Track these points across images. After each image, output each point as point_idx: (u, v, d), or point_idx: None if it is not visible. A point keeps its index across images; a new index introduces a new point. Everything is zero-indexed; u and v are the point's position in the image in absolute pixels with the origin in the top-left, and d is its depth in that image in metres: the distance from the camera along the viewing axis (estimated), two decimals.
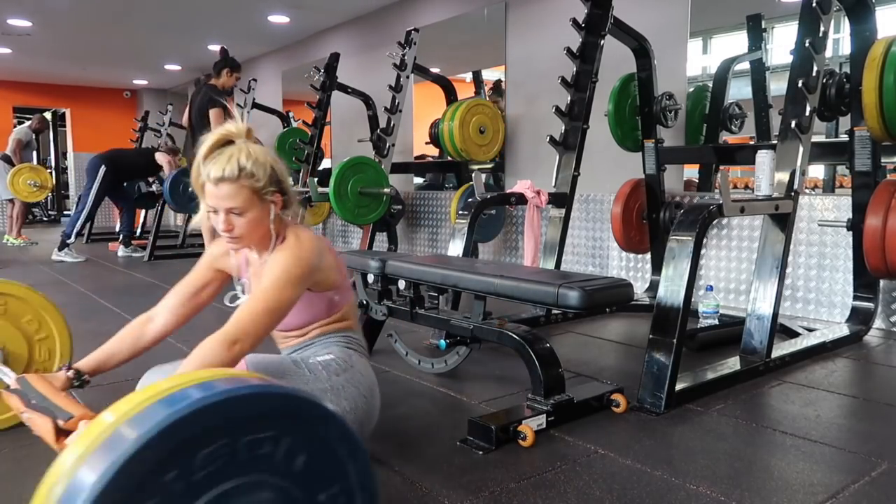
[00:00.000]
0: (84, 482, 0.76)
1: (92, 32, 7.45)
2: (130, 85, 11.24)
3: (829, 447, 1.82)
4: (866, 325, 3.05)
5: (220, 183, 1.45)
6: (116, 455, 0.76)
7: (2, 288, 1.90)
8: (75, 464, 0.79)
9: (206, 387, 0.86)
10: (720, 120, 4.08)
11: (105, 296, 4.30)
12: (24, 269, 5.78)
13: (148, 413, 0.82)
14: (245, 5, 6.36)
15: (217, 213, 1.49)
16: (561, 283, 1.94)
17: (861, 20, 2.95)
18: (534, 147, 4.96)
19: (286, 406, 0.89)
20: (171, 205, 6.37)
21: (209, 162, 1.47)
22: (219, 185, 1.45)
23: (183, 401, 0.82)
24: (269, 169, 1.49)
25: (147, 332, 1.66)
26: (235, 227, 1.49)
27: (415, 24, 5.42)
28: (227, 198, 1.46)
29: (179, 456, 0.80)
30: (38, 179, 7.59)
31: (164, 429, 0.78)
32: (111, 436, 0.81)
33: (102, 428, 0.82)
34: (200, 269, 1.72)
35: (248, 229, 1.50)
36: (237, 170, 1.44)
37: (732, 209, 2.30)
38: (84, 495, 0.75)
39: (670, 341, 2.13)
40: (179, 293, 1.69)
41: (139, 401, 0.85)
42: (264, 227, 1.52)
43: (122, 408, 0.86)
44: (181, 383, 0.88)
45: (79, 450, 0.81)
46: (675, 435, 1.93)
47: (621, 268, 4.32)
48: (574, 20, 3.31)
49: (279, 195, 1.52)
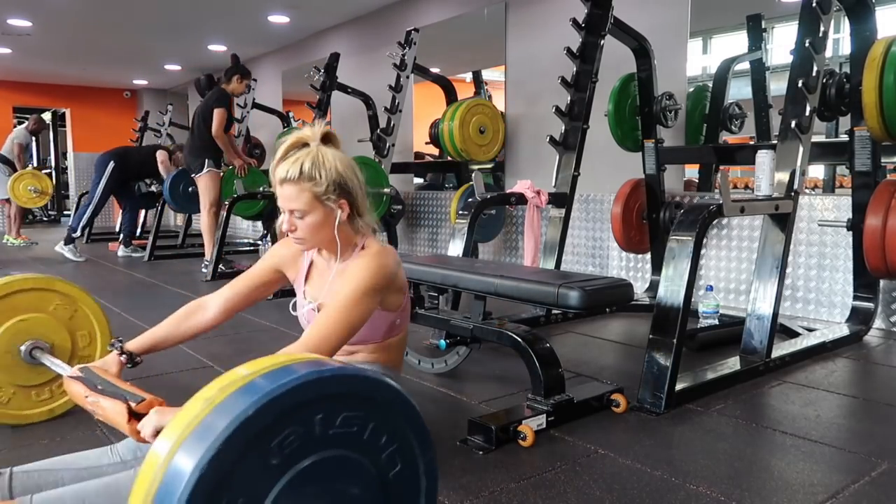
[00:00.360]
0: (195, 449, 0.83)
1: (92, 32, 7.45)
2: (130, 85, 11.24)
3: (829, 447, 1.82)
4: (866, 325, 3.05)
5: (284, 184, 1.49)
6: (217, 433, 0.83)
7: (38, 283, 1.99)
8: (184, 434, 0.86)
9: (296, 368, 0.92)
10: (720, 120, 4.08)
11: (105, 296, 4.29)
12: (24, 269, 5.77)
13: (248, 388, 0.88)
14: (245, 5, 6.36)
15: (284, 212, 1.52)
16: (561, 283, 1.94)
17: (861, 20, 2.95)
18: (534, 147, 4.96)
19: (371, 389, 0.96)
20: (171, 205, 6.37)
21: (281, 163, 1.50)
22: (282, 186, 1.49)
23: (280, 379, 0.88)
24: (334, 174, 1.49)
25: (198, 320, 1.67)
26: (298, 229, 1.52)
27: (415, 24, 5.42)
28: (289, 199, 1.49)
29: (275, 429, 0.87)
30: (38, 185, 7.63)
31: (266, 403, 0.85)
32: (211, 412, 0.86)
33: (199, 409, 0.88)
34: (263, 267, 1.72)
35: (310, 232, 1.52)
36: (298, 172, 1.47)
37: (732, 209, 2.30)
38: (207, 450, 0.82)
39: (670, 341, 2.13)
40: (236, 287, 1.70)
41: (234, 379, 0.91)
42: (328, 231, 1.53)
43: (208, 393, 0.90)
44: (277, 363, 0.94)
45: (186, 422, 0.87)
46: (675, 435, 1.93)
47: (621, 268, 4.32)
48: (574, 20, 3.31)
49: (346, 202, 1.52)
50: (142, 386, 1.38)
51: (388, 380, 0.99)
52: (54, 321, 1.99)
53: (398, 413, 0.99)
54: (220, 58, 8.80)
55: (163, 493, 0.83)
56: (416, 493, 1.04)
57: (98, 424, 1.96)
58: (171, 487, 0.82)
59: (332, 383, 0.93)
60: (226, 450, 0.82)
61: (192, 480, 0.81)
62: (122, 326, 3.40)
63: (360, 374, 0.97)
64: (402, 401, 1.00)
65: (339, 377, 0.94)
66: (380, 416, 0.97)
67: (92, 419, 1.67)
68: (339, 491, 0.95)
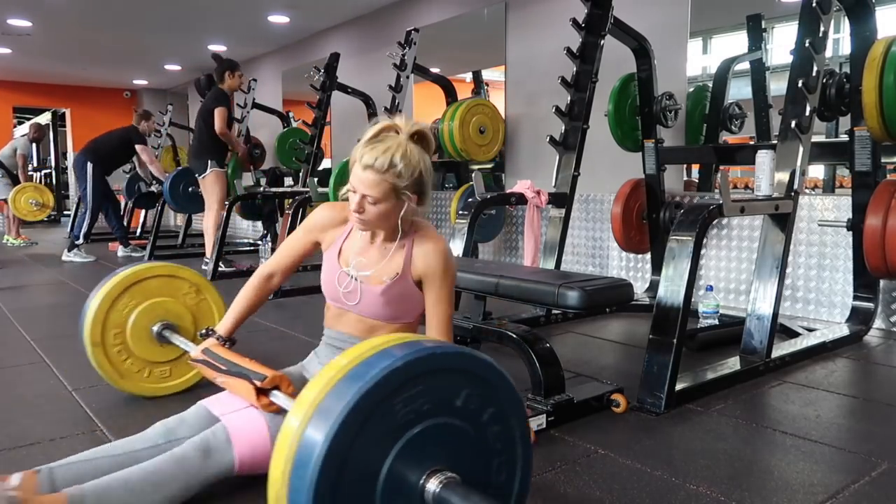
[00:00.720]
0: (327, 417, 0.96)
1: (92, 32, 7.45)
2: (130, 85, 11.24)
3: (829, 447, 1.82)
4: (866, 325, 3.04)
5: (367, 170, 1.50)
6: (343, 404, 0.95)
7: (166, 270, 2.21)
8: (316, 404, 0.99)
9: (409, 345, 1.05)
10: (720, 120, 4.08)
11: None
12: (24, 269, 5.78)
13: (372, 360, 1.01)
14: (245, 5, 6.36)
15: (355, 192, 1.54)
16: (561, 283, 1.94)
17: (861, 20, 2.95)
18: (534, 147, 4.96)
19: (477, 367, 1.10)
20: (171, 205, 6.37)
21: (368, 147, 1.52)
22: (365, 171, 1.50)
23: (393, 356, 1.01)
24: (416, 173, 1.53)
25: (268, 288, 1.81)
26: (365, 212, 1.54)
27: (415, 24, 5.41)
28: (368, 185, 1.51)
29: (396, 395, 0.99)
30: (40, 199, 7.69)
31: (391, 371, 0.98)
32: (334, 386, 0.99)
33: (319, 388, 1.00)
34: (302, 235, 1.77)
35: (377, 217, 1.55)
36: (387, 164, 1.49)
37: (732, 209, 2.30)
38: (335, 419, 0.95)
39: (670, 341, 2.12)
40: (287, 255, 1.78)
41: (357, 355, 1.03)
42: (393, 219, 1.58)
43: (329, 372, 1.02)
44: (397, 339, 1.08)
45: (315, 396, 0.99)
46: (675, 435, 1.93)
47: (621, 268, 4.32)
48: (574, 20, 3.31)
49: (417, 197, 1.57)
50: None
51: (493, 361, 1.12)
52: (182, 306, 2.21)
53: (501, 389, 1.13)
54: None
55: (300, 460, 0.95)
56: (514, 461, 1.17)
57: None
58: (305, 455, 0.95)
59: (448, 359, 1.06)
60: (350, 420, 0.95)
61: (325, 446, 0.93)
62: None
63: (470, 353, 1.11)
64: (505, 379, 1.14)
65: (455, 354, 1.08)
66: (487, 391, 1.10)
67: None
68: (448, 456, 1.06)
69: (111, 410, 2.12)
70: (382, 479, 0.99)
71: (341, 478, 0.95)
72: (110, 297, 2.10)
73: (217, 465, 1.41)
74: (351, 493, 0.97)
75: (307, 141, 5.84)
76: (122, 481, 1.32)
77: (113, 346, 2.11)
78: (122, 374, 2.15)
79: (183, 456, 1.39)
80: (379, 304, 1.62)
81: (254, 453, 1.44)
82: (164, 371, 2.22)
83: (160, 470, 1.36)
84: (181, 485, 1.36)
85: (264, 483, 1.01)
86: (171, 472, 1.36)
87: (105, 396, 2.25)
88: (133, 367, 2.16)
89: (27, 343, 3.06)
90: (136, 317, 2.12)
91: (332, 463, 0.94)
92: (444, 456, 1.06)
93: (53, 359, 2.76)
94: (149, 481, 1.33)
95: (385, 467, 0.99)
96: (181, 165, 8.51)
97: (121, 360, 2.14)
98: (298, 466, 0.95)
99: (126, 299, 2.12)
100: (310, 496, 0.92)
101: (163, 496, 1.34)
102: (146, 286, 2.15)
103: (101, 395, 2.27)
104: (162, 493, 1.33)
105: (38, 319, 3.66)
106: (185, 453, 1.39)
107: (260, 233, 6.99)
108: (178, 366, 2.24)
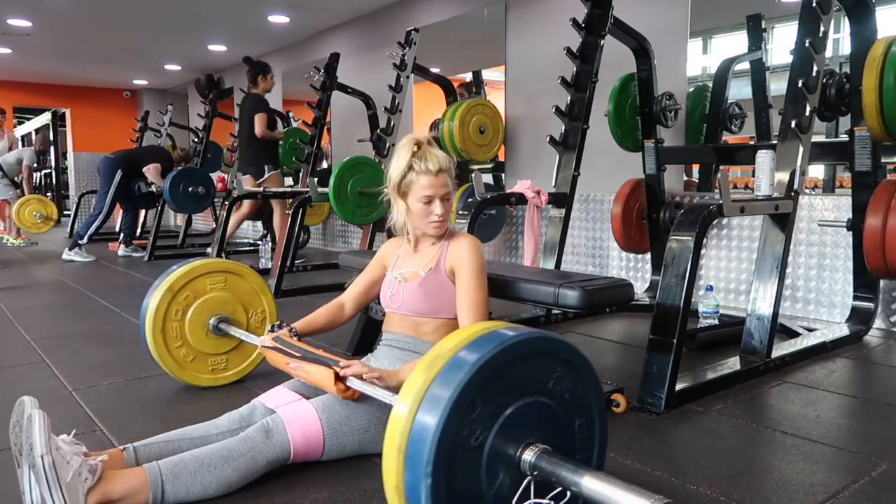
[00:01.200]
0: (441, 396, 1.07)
1: (92, 32, 7.45)
2: (130, 85, 11.23)
3: (829, 447, 1.82)
4: (866, 325, 3.05)
5: (440, 174, 1.76)
6: (462, 375, 1.07)
7: (223, 266, 2.32)
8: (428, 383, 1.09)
9: (503, 332, 1.16)
10: (720, 120, 4.08)
11: (105, 296, 4.30)
12: (24, 269, 5.78)
13: (481, 341, 1.13)
14: (245, 5, 6.36)
15: (431, 202, 1.78)
16: (561, 282, 1.94)
17: (861, 20, 2.95)
18: (534, 147, 4.96)
19: (563, 350, 1.21)
20: (171, 205, 6.38)
21: (420, 159, 1.76)
22: (439, 175, 1.76)
23: (496, 340, 1.13)
24: (453, 167, 1.81)
25: (340, 316, 2.02)
26: (445, 210, 1.79)
27: (415, 24, 5.41)
28: (443, 185, 1.77)
29: (495, 379, 1.11)
30: (44, 211, 7.72)
31: (496, 353, 1.10)
32: (441, 370, 1.10)
33: (425, 377, 1.10)
34: (374, 264, 2.03)
35: (449, 211, 1.80)
36: (447, 163, 1.78)
37: (732, 209, 2.30)
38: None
39: (670, 341, 2.12)
40: (361, 285, 2.03)
41: (463, 338, 1.15)
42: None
43: (428, 361, 1.13)
44: (488, 327, 1.19)
45: (424, 379, 1.10)
46: (675, 435, 1.93)
47: (621, 268, 4.32)
48: (574, 20, 3.31)
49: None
50: (145, 384, 1.42)
51: (576, 345, 1.24)
52: (237, 300, 2.33)
53: (582, 370, 1.24)
54: (220, 58, 8.80)
55: (414, 444, 1.05)
56: (593, 435, 1.28)
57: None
58: (419, 439, 1.05)
59: (537, 344, 1.18)
60: (458, 405, 1.05)
61: (438, 431, 1.03)
62: (123, 326, 3.40)
63: (556, 337, 1.22)
64: (586, 362, 1.25)
65: (546, 339, 1.19)
66: (571, 372, 1.22)
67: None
68: (539, 430, 1.17)
69: (111, 410, 2.12)
70: (486, 453, 1.11)
71: (453, 456, 1.06)
72: (171, 291, 2.20)
73: (277, 445, 1.54)
74: (461, 468, 1.08)
75: (307, 141, 5.84)
76: (194, 456, 1.48)
77: (172, 338, 2.23)
78: (181, 365, 2.26)
79: (248, 436, 1.54)
80: (417, 298, 1.81)
81: (307, 441, 1.58)
82: (221, 361, 2.33)
83: (228, 446, 1.51)
84: (248, 460, 1.50)
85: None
86: (239, 448, 1.51)
87: (105, 396, 2.25)
88: (189, 356, 2.27)
89: (27, 343, 3.06)
90: (195, 310, 2.24)
91: (444, 447, 1.04)
92: (536, 431, 1.17)
93: (53, 359, 2.76)
94: (218, 455, 1.48)
95: (488, 443, 1.11)
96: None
97: (180, 352, 2.25)
98: (413, 450, 1.05)
99: (186, 293, 2.23)
100: (428, 473, 1.03)
101: (232, 469, 1.48)
102: (204, 281, 2.27)
103: (101, 395, 2.27)
104: (231, 467, 1.48)
105: (38, 319, 3.66)
106: (250, 434, 1.55)
107: (260, 233, 6.98)
108: (233, 357, 2.36)
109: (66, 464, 1.31)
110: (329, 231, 7.24)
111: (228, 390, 2.31)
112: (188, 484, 1.43)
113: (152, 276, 5.25)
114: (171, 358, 2.22)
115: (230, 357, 2.34)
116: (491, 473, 1.12)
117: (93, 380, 2.44)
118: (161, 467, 1.43)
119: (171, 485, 1.41)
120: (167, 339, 2.21)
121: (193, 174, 6.49)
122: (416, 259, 1.87)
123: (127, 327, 3.38)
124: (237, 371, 2.36)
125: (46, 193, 12.81)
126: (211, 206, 8.17)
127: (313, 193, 4.53)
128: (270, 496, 1.53)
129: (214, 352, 2.31)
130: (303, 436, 1.58)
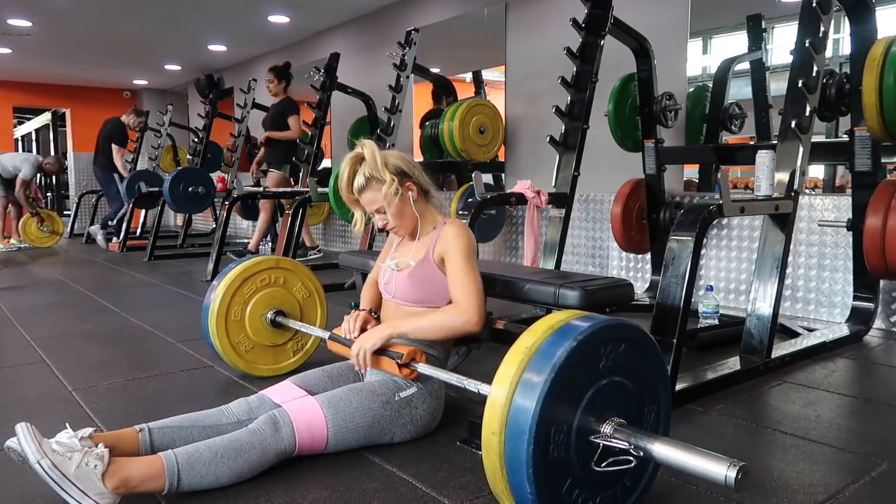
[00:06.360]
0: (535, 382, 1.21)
1: (92, 32, 7.45)
2: (130, 85, 11.23)
3: (829, 447, 1.82)
4: (866, 325, 3.05)
5: (363, 191, 1.83)
6: (546, 372, 1.20)
7: (278, 263, 2.43)
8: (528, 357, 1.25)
9: (582, 321, 1.31)
10: (720, 120, 4.08)
11: (105, 296, 4.30)
12: (24, 269, 5.79)
13: (564, 329, 1.27)
14: (245, 5, 6.36)
15: (374, 214, 1.87)
16: (561, 283, 1.94)
17: (861, 20, 2.95)
18: (534, 147, 4.96)
19: (635, 335, 1.36)
20: (171, 205, 6.38)
21: (349, 181, 1.84)
22: (362, 194, 1.84)
23: (580, 327, 1.27)
24: (390, 167, 1.81)
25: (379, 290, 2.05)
26: (389, 221, 1.87)
27: (415, 24, 5.41)
28: (371, 202, 1.84)
29: (582, 363, 1.24)
30: (51, 226, 7.69)
31: (577, 344, 1.23)
32: (538, 351, 1.25)
33: (520, 359, 1.25)
34: (377, 264, 2.09)
35: (397, 219, 1.86)
36: (364, 181, 1.81)
37: (732, 209, 2.30)
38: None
39: (670, 341, 2.12)
40: (372, 285, 2.09)
41: (547, 327, 1.29)
42: (409, 212, 1.87)
43: (522, 347, 1.27)
44: (567, 317, 1.34)
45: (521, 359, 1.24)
46: (675, 435, 1.91)
47: (621, 268, 4.32)
48: (574, 20, 3.31)
49: (411, 184, 1.85)
50: (145, 384, 1.41)
51: (647, 332, 1.39)
52: (293, 298, 2.45)
53: (651, 352, 1.39)
54: (220, 58, 8.80)
55: (513, 425, 1.18)
56: (659, 409, 1.43)
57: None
58: (519, 421, 1.18)
59: (613, 330, 1.31)
60: (551, 390, 1.18)
61: (536, 413, 1.17)
62: (123, 326, 3.40)
63: (629, 323, 1.35)
64: (655, 345, 1.41)
65: (622, 325, 1.34)
66: (641, 353, 1.37)
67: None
68: (616, 406, 1.31)
69: (111, 410, 2.12)
70: (574, 428, 1.25)
71: (547, 434, 1.19)
72: (233, 286, 2.32)
73: (285, 438, 1.61)
74: (554, 442, 1.21)
75: (307, 141, 5.84)
76: (208, 447, 1.54)
77: (234, 331, 2.35)
78: (241, 356, 2.38)
79: (258, 429, 1.60)
80: (408, 287, 1.86)
81: (311, 434, 1.65)
82: (278, 352, 2.45)
83: (240, 439, 1.57)
84: (258, 453, 1.57)
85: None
86: (250, 441, 1.58)
87: (105, 396, 2.25)
88: (247, 347, 2.39)
89: (27, 343, 3.06)
90: (255, 303, 2.36)
91: (541, 428, 1.18)
92: (613, 407, 1.31)
93: (53, 359, 2.76)
94: (231, 447, 1.55)
95: (575, 421, 1.25)
96: (181, 165, 8.52)
97: (240, 343, 2.37)
98: (513, 431, 1.18)
99: (247, 287, 2.36)
100: (528, 450, 1.16)
101: (244, 460, 1.55)
102: (262, 277, 2.38)
103: (101, 395, 2.27)
104: (243, 458, 1.55)
105: (38, 319, 3.66)
106: (259, 426, 1.61)
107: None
108: (287, 349, 2.47)
109: (66, 459, 1.37)
110: (329, 231, 7.23)
111: (230, 390, 2.31)
112: (203, 473, 1.50)
113: (152, 276, 5.25)
114: (231, 348, 2.35)
115: (283, 349, 2.47)
116: (578, 444, 1.26)
117: (93, 380, 2.44)
118: (178, 456, 1.49)
119: (186, 473, 1.48)
120: (229, 331, 2.34)
121: (193, 174, 6.49)
122: (411, 248, 1.93)
123: (127, 327, 3.38)
124: (293, 361, 2.48)
125: (47, 193, 12.80)
126: (211, 206, 8.18)
127: (313, 193, 4.53)
128: (271, 495, 1.53)
129: (272, 343, 2.42)
130: (308, 431, 1.64)
